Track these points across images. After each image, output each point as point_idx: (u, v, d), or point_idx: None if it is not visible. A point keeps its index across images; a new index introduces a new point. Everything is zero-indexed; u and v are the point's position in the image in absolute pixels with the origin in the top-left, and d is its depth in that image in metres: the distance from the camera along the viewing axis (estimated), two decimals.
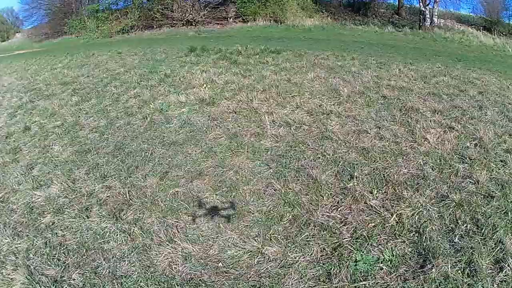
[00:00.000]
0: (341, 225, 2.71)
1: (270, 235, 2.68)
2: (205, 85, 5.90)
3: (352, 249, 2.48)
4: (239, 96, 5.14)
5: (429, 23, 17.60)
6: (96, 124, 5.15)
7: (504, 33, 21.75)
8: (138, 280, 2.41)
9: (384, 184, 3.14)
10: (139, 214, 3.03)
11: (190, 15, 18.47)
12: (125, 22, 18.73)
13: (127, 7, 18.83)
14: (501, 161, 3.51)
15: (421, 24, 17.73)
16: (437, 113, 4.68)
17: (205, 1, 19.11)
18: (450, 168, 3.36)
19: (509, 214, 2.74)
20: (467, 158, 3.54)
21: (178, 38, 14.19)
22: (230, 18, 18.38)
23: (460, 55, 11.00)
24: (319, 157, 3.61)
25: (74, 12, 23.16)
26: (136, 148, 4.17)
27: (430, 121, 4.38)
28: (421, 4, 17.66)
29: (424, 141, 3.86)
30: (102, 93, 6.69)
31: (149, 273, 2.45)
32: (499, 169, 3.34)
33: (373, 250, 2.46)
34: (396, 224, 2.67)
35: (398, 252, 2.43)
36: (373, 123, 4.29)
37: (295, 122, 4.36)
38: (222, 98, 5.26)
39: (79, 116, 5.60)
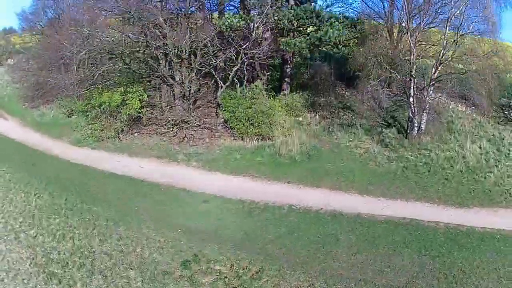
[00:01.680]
0: None
1: None
2: None
3: None
4: None
5: (416, 131, 19.49)
6: None
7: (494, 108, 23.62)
8: None
9: None
10: None
11: (179, 116, 20.26)
12: (114, 126, 20.59)
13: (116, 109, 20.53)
14: None
15: (408, 131, 19.63)
16: None
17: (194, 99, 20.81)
18: None
19: None
20: None
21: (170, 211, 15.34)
22: (219, 125, 20.22)
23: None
24: None
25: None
26: None
27: None
28: (410, 112, 19.39)
29: None
30: None
31: None
32: None
33: None
34: None
35: None
36: None
37: None
38: None
39: None
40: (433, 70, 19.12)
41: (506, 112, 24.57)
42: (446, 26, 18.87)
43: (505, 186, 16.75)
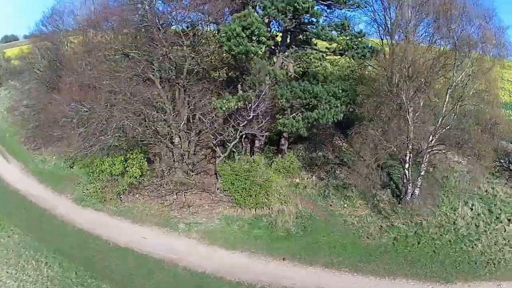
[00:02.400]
0: None
1: None
2: None
3: None
4: None
5: (410, 196, 21.24)
6: None
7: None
8: None
9: None
10: None
11: (179, 181, 22.19)
12: (116, 189, 22.56)
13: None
14: None
15: (402, 196, 21.40)
16: None
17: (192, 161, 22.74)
18: None
19: None
20: None
21: None
22: (218, 189, 22.13)
23: None
24: None
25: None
26: None
27: None
28: (405, 178, 21.08)
29: None
30: None
31: None
32: None
33: None
34: None
35: None
36: None
37: None
38: None
39: None
40: (430, 137, 20.62)
41: (502, 161, 26.14)
42: (447, 93, 20.24)
43: (491, 255, 18.78)
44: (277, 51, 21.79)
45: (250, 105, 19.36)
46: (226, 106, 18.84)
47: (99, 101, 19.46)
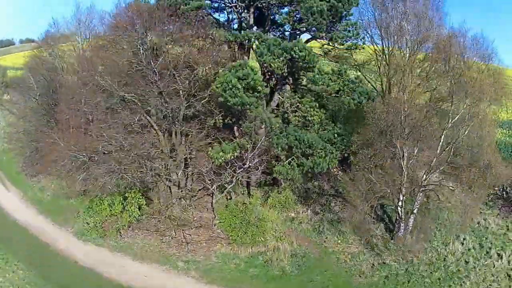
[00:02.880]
0: None
1: None
2: None
3: None
4: None
5: (402, 231, 22.55)
6: None
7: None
8: None
9: None
10: None
11: (177, 217, 23.55)
12: (116, 225, 23.90)
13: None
14: None
15: (395, 232, 22.73)
16: None
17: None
18: None
19: None
20: None
21: None
22: (215, 225, 23.47)
23: None
24: None
25: None
26: None
27: None
28: (398, 216, 22.36)
29: None
30: None
31: None
32: None
33: None
34: None
35: None
36: None
37: None
38: None
39: None
40: (424, 176, 21.80)
41: (496, 188, 27.32)
42: (441, 135, 21.33)
43: None
44: (273, 90, 22.86)
45: (246, 154, 20.55)
46: (223, 159, 19.98)
47: (95, 149, 20.64)
